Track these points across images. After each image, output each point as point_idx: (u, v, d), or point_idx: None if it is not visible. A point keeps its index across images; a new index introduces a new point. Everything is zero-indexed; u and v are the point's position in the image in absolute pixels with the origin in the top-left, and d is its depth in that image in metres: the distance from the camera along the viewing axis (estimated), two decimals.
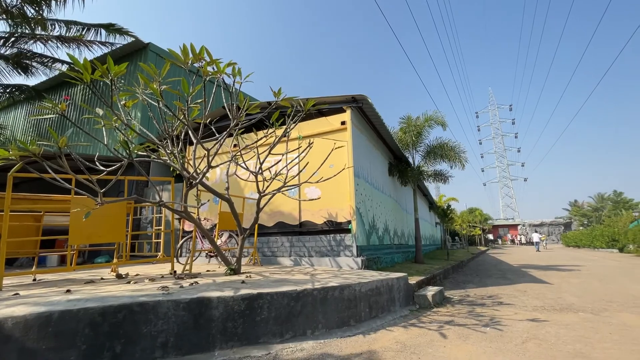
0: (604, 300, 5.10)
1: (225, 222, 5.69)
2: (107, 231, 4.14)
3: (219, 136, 4.29)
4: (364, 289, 3.86)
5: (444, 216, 15.64)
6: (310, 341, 3.03)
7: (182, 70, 9.65)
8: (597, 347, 2.93)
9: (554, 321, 3.84)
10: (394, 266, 8.02)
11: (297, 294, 3.22)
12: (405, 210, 12.14)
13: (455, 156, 10.33)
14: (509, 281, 7.57)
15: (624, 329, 3.51)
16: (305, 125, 6.86)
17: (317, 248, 6.47)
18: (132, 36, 11.24)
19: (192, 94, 3.52)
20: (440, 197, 25.07)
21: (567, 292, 5.85)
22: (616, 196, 45.14)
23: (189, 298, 2.74)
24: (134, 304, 2.52)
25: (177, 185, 8.59)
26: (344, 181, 6.34)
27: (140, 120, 9.79)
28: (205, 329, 2.71)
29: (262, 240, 7.07)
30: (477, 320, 3.89)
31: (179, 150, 4.32)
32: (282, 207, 6.94)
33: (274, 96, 4.27)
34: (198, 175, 4.20)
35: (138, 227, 9.41)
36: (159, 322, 2.55)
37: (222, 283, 3.64)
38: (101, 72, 3.09)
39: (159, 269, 5.47)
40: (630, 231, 19.26)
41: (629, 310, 4.35)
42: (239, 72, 3.90)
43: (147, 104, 4.09)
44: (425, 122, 10.53)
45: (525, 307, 4.66)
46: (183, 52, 3.54)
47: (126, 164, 3.47)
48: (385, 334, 3.34)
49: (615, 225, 24.62)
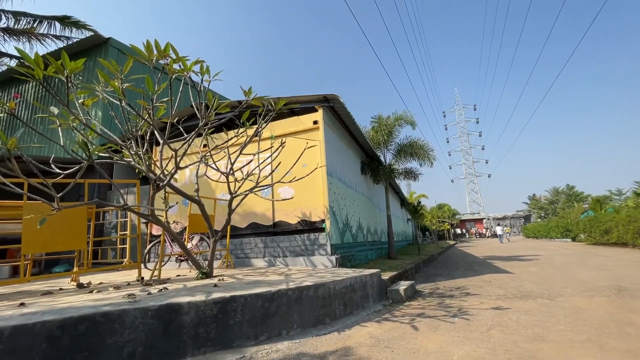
0: (559, 286, 5.51)
1: (195, 225, 5.51)
2: (65, 238, 3.88)
3: (187, 136, 4.16)
4: (339, 287, 3.90)
5: (414, 212, 16.15)
6: (286, 341, 3.02)
7: (147, 68, 9.23)
8: (552, 330, 3.17)
9: (516, 308, 4.09)
10: (368, 263, 8.18)
11: (271, 294, 3.20)
12: (378, 207, 12.40)
13: (424, 154, 10.69)
14: (475, 273, 7.96)
15: (576, 312, 3.81)
16: (278, 124, 6.81)
17: (292, 248, 6.45)
18: (90, 30, 10.58)
19: (158, 92, 3.38)
20: (411, 194, 25.86)
21: (527, 281, 6.25)
22: (569, 190, 48.83)
23: (158, 305, 2.63)
24: (97, 314, 2.38)
25: (143, 187, 8.21)
26: (317, 180, 6.36)
27: (101, 119, 9.24)
28: (175, 336, 2.62)
29: (235, 242, 6.93)
30: (446, 311, 4.06)
31: (145, 151, 4.13)
32: (255, 207, 6.85)
33: (244, 95, 4.20)
34: (165, 177, 4.04)
35: (101, 233, 8.89)
36: (125, 332, 2.43)
37: (193, 287, 3.53)
38: (55, 68, 2.89)
39: (125, 276, 5.20)
40: (581, 222, 20.93)
41: (580, 295, 4.73)
42: (207, 70, 3.79)
43: (107, 102, 3.87)
44: (395, 122, 10.81)
45: (490, 296, 4.92)
46: (147, 48, 3.39)
47: (85, 166, 3.26)
48: (360, 330, 3.40)
49: (568, 217, 26.71)
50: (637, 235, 12.64)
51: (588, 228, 18.69)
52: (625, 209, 15.82)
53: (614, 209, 17.95)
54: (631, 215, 13.63)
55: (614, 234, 14.70)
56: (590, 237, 18.28)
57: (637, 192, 19.34)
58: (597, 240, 16.95)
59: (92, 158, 3.22)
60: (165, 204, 4.32)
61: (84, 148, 3.21)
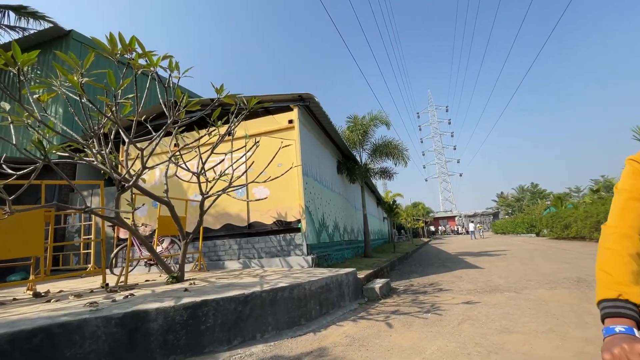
0: (524, 279, 5.79)
1: (165, 227, 5.29)
2: (19, 244, 3.60)
3: (156, 135, 3.98)
4: (314, 287, 3.87)
5: (390, 211, 16.44)
6: (260, 345, 2.95)
7: (112, 63, 8.78)
8: (519, 321, 3.31)
9: (485, 302, 4.25)
10: (344, 262, 8.22)
11: (245, 297, 3.12)
12: (354, 207, 12.51)
13: (399, 154, 10.90)
14: (447, 269, 8.22)
15: (540, 303, 4.01)
16: (252, 123, 6.69)
17: (267, 249, 6.36)
18: (49, 22, 9.91)
19: (122, 88, 3.20)
20: (387, 193, 26.31)
21: (495, 275, 6.53)
22: (533, 187, 51.66)
23: (122, 313, 2.49)
24: (54, 326, 2.21)
25: (108, 189, 7.79)
26: (292, 180, 6.31)
27: (62, 117, 8.67)
28: (142, 345, 2.49)
29: (208, 244, 6.74)
30: (419, 307, 4.14)
31: (109, 150, 3.91)
32: (230, 208, 6.69)
33: (216, 93, 4.07)
34: (131, 178, 3.84)
35: (63, 238, 8.34)
36: (85, 343, 2.28)
37: (162, 293, 3.38)
38: (5, 60, 2.66)
39: (89, 282, 4.91)
40: (544, 218, 22.21)
41: (544, 287, 4.99)
42: (176, 66, 3.64)
43: (66, 98, 3.63)
44: (371, 121, 10.94)
45: (461, 291, 5.09)
46: (110, 41, 3.20)
47: (41, 166, 3.03)
48: (335, 330, 3.39)
49: (532, 213, 28.24)
50: (594, 229, 13.57)
51: (550, 223, 19.86)
52: (583, 205, 16.97)
53: (573, 206, 19.20)
54: (588, 211, 14.63)
55: (573, 229, 15.70)
56: (552, 232, 19.43)
57: (593, 189, 20.79)
58: (558, 234, 18.04)
59: (48, 157, 3.00)
60: (131, 206, 4.11)
61: (38, 147, 2.98)
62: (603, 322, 0.76)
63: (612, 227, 0.89)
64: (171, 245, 5.99)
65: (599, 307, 0.78)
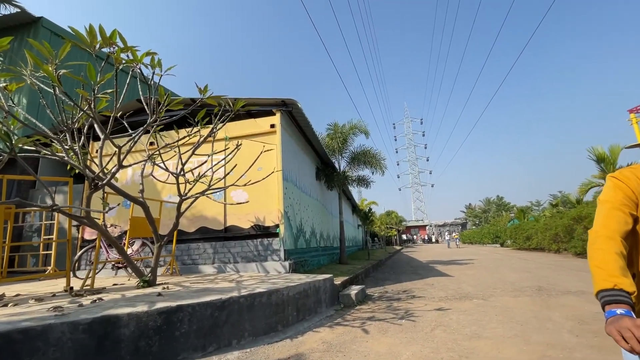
0: (491, 287, 6.07)
1: (137, 229, 5.07)
2: None
3: (134, 132, 3.83)
4: (292, 293, 3.86)
5: (365, 219, 16.68)
6: (236, 352, 2.90)
7: (86, 55, 8.37)
8: (487, 327, 3.48)
9: (456, 309, 4.42)
10: (320, 268, 8.24)
11: (222, 303, 3.06)
12: (331, 213, 12.59)
13: (376, 163, 11.14)
14: (420, 276, 8.45)
15: (506, 310, 4.23)
16: (234, 126, 6.61)
17: (244, 254, 6.25)
18: (16, 6, 9.29)
19: (101, 83, 3.07)
20: (362, 200, 26.68)
21: (465, 283, 6.80)
22: (499, 200, 54.29)
23: (91, 318, 2.36)
24: (13, 331, 2.06)
25: (76, 186, 7.36)
26: (272, 185, 6.27)
27: (26, 107, 8.12)
28: (112, 352, 2.37)
29: (181, 247, 6.52)
30: (394, 314, 4.23)
31: (81, 146, 3.71)
32: (206, 211, 6.53)
33: (199, 93, 4.00)
34: (105, 176, 3.67)
35: (20, 237, 7.74)
36: (49, 350, 2.14)
37: (133, 297, 3.23)
38: None
39: (50, 286, 4.59)
40: (508, 229, 23.41)
41: (508, 295, 5.27)
42: (159, 63, 3.54)
43: (37, 89, 3.43)
44: (350, 130, 11.13)
45: (433, 298, 5.25)
46: (89, 33, 3.07)
47: (6, 159, 2.84)
48: (312, 336, 3.40)
49: (498, 225, 29.67)
50: (552, 241, 14.48)
51: (514, 235, 20.96)
52: (543, 219, 18.06)
53: (534, 218, 20.40)
54: (547, 224, 15.60)
55: (534, 240, 16.67)
56: (515, 242, 20.52)
57: (553, 203, 22.24)
58: (520, 245, 19.07)
59: (14, 151, 2.81)
60: (104, 206, 3.92)
61: (4, 139, 2.79)
62: (603, 309, 0.91)
63: (599, 232, 1.05)
64: (142, 248, 5.74)
65: (598, 297, 0.93)
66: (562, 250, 14.02)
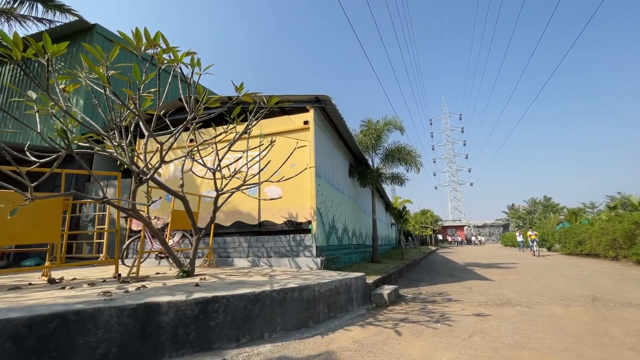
0: (537, 294, 5.64)
1: (178, 222, 5.35)
2: (38, 230, 3.67)
3: (174, 129, 4.02)
4: (323, 290, 3.85)
5: (399, 217, 16.29)
6: (268, 344, 2.94)
7: (133, 57, 8.95)
8: (532, 337, 3.22)
9: (496, 315, 4.15)
10: (352, 266, 8.17)
11: (255, 296, 3.12)
12: (363, 211, 12.44)
13: (411, 160, 10.80)
14: (456, 279, 8.08)
15: (554, 320, 3.90)
16: (268, 123, 6.72)
17: (276, 248, 6.36)
18: (75, 15, 10.18)
19: (145, 82, 3.25)
20: (396, 199, 26.12)
21: (507, 288, 6.38)
22: (546, 201, 50.50)
23: (135, 304, 2.51)
24: (69, 312, 2.24)
25: (124, 180, 7.93)
26: (305, 181, 6.30)
27: (82, 108, 8.88)
28: (153, 337, 2.51)
29: (218, 240, 6.78)
30: (429, 316, 4.07)
31: (128, 142, 3.97)
32: (241, 206, 6.73)
33: (235, 90, 4.10)
34: (149, 171, 3.89)
35: (77, 226, 8.52)
36: (99, 332, 2.30)
37: (173, 286, 3.40)
38: (35, 50, 2.72)
39: (101, 272, 4.99)
40: (556, 233, 21.67)
41: (557, 303, 4.86)
42: (198, 62, 3.68)
43: (91, 90, 3.70)
44: (384, 126, 10.88)
45: (471, 302, 4.99)
46: (135, 36, 3.25)
47: (64, 155, 3.10)
48: (343, 334, 3.36)
49: (544, 227, 27.57)
50: (609, 247, 13.17)
51: (563, 239, 19.35)
52: (599, 222, 16.48)
53: (588, 221, 18.67)
54: (604, 228, 14.19)
55: (588, 245, 15.26)
56: (565, 247, 18.93)
57: (610, 205, 20.16)
58: (571, 250, 17.56)
59: (71, 147, 3.06)
60: (147, 199, 4.16)
61: (62, 136, 3.05)
62: None
63: None
64: (182, 240, 6.05)
65: None
66: (620, 258, 12.69)
